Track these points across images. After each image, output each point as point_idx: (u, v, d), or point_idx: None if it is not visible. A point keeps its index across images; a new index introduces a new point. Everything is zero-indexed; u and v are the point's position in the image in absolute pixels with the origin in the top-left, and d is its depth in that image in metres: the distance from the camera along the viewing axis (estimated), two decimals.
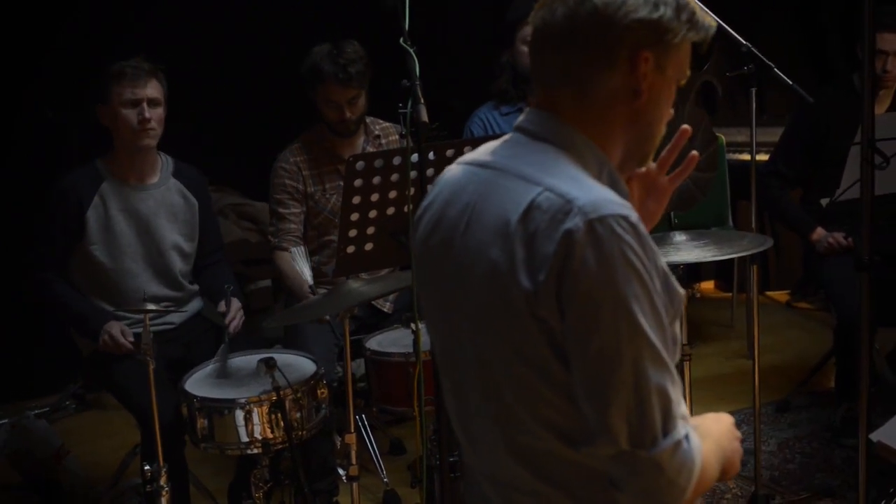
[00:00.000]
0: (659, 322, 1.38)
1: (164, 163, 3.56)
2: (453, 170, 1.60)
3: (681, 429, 1.39)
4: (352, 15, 4.20)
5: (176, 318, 3.59)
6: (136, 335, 3.09)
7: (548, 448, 1.45)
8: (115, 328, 3.27)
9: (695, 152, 1.71)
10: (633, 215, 1.38)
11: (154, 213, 3.49)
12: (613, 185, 1.48)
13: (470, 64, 5.72)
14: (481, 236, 1.46)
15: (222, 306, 3.41)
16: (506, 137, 1.57)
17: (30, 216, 3.60)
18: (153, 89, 3.38)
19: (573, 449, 1.43)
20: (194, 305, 3.66)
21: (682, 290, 1.45)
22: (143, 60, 3.38)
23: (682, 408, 1.41)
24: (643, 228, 1.39)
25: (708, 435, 1.51)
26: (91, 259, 3.42)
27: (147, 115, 3.34)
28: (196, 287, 3.66)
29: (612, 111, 1.49)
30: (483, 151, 1.58)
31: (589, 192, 1.39)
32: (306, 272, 3.18)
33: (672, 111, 1.56)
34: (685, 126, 1.66)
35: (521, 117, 1.57)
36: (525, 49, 3.97)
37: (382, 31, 2.69)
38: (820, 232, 4.10)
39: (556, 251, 1.35)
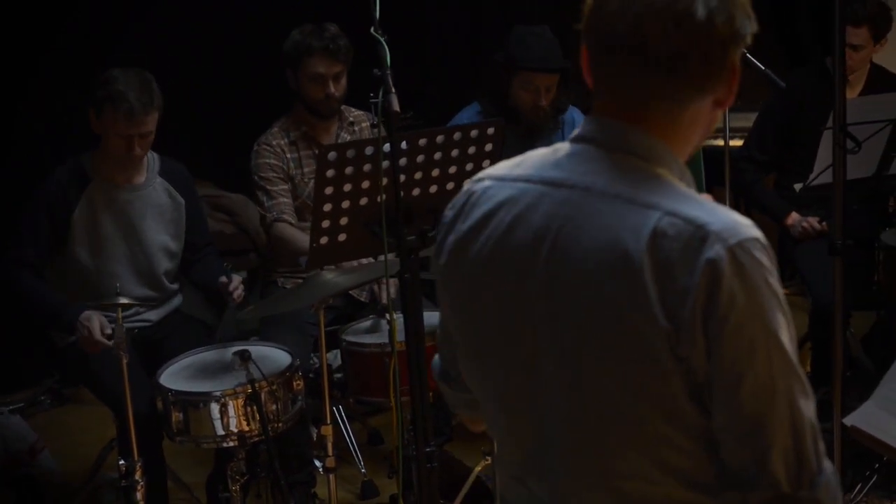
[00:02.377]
0: (796, 348, 1.31)
1: (151, 161, 3.50)
2: (499, 187, 1.45)
3: (828, 461, 1.33)
4: (322, 6, 4.17)
5: (153, 315, 3.55)
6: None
7: (665, 493, 1.35)
8: (94, 320, 3.13)
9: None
10: (763, 235, 1.30)
11: (141, 214, 3.44)
12: None
13: (446, 52, 5.71)
14: (580, 267, 1.32)
15: (224, 279, 3.33)
16: (566, 150, 1.43)
17: (5, 210, 3.54)
18: (150, 123, 3.28)
19: (699, 494, 1.34)
20: (174, 303, 3.63)
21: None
22: (143, 90, 3.22)
23: None
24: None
25: None
26: (73, 260, 3.38)
27: (136, 151, 3.29)
28: (176, 286, 3.63)
29: (698, 121, 1.39)
30: (541, 166, 1.43)
31: (717, 214, 1.29)
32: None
33: None
34: None
35: (585, 126, 1.42)
36: (525, 95, 3.81)
37: (355, 21, 2.67)
38: (794, 217, 4.11)
39: (699, 283, 1.24)
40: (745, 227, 1.29)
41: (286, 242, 3.68)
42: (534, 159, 1.46)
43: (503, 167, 1.49)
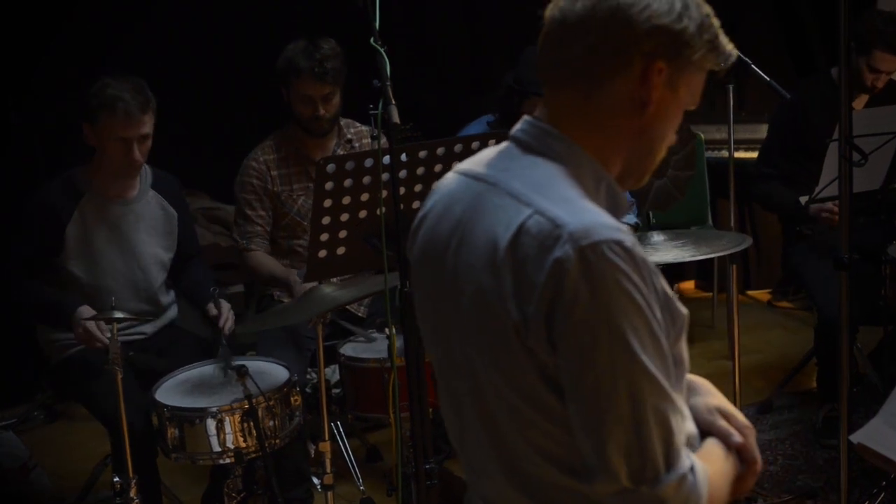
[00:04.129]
0: (659, 350, 1.32)
1: (143, 174, 3.46)
2: (450, 178, 1.53)
3: (685, 461, 1.34)
4: (324, 15, 4.15)
5: (148, 328, 3.51)
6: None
7: (550, 479, 1.39)
8: (87, 315, 3.11)
9: None
10: (628, 239, 1.31)
11: (134, 228, 3.41)
12: (612, 199, 1.42)
13: (446, 63, 5.68)
14: (471, 259, 1.40)
15: (212, 309, 3.32)
16: (501, 147, 1.50)
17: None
18: (147, 124, 3.24)
19: (576, 480, 1.37)
20: (169, 315, 3.60)
21: (685, 310, 1.37)
22: (137, 91, 3.20)
23: (686, 434, 1.37)
24: (640, 251, 1.31)
25: (712, 456, 1.46)
26: (67, 274, 3.33)
27: (136, 154, 3.24)
28: (171, 298, 3.60)
29: (615, 121, 1.42)
30: (479, 161, 1.51)
31: (580, 215, 1.32)
32: None
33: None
34: None
35: (517, 125, 1.49)
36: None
37: (354, 32, 2.64)
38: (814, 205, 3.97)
39: (546, 281, 1.29)
40: (606, 229, 1.30)
41: (254, 268, 3.74)
42: (482, 154, 1.53)
43: (465, 162, 1.55)
